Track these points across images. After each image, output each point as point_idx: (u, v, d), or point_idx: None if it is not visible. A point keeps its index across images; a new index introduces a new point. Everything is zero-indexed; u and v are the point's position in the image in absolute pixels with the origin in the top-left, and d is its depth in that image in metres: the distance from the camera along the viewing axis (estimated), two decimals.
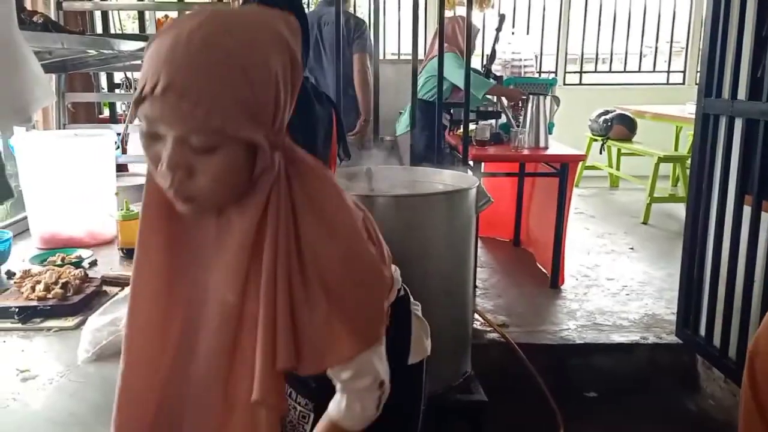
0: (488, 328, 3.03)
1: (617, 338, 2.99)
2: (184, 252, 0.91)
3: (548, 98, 3.75)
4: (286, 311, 0.85)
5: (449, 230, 2.30)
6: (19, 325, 1.39)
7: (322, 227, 0.88)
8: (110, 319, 1.32)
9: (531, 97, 3.65)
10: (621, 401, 2.83)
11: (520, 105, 3.88)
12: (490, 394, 2.41)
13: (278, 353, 0.85)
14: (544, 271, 3.82)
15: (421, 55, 3.54)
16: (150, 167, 0.84)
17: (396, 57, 6.55)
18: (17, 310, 1.40)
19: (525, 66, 4.92)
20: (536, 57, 6.14)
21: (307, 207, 0.87)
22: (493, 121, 3.88)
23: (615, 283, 3.71)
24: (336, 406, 0.97)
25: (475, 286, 3.03)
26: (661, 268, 3.94)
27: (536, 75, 5.65)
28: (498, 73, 4.26)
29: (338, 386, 0.96)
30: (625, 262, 4.11)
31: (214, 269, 0.88)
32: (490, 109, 3.96)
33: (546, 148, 3.65)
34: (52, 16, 2.35)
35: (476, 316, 3.06)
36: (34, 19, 1.64)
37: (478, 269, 3.49)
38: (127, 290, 1.42)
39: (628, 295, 3.53)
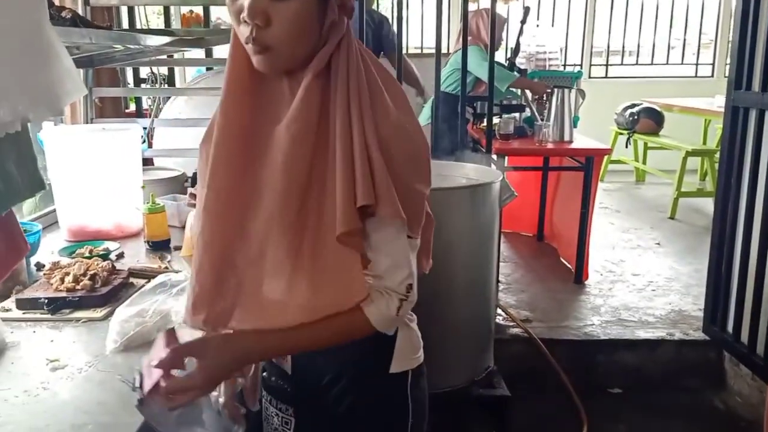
0: (511, 323, 3.01)
1: (642, 334, 2.96)
2: (261, 109, 0.98)
3: (573, 91, 3.71)
4: (363, 152, 0.92)
5: (472, 225, 2.29)
6: (49, 316, 1.41)
7: (393, 108, 0.97)
8: (137, 310, 1.34)
9: (556, 90, 3.61)
10: (646, 398, 2.80)
11: (544, 98, 3.84)
12: (512, 389, 2.41)
13: (358, 190, 0.91)
14: (568, 266, 3.78)
15: (445, 50, 3.53)
16: (234, 24, 0.93)
17: (419, 51, 6.53)
18: (47, 301, 1.43)
19: (550, 59, 4.87)
20: (561, 50, 6.07)
21: (379, 82, 0.97)
22: (516, 115, 3.85)
23: (640, 278, 3.67)
24: None
25: (498, 281, 3.02)
26: (688, 264, 3.88)
27: (561, 68, 5.59)
28: (522, 66, 4.23)
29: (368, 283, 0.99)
30: (651, 258, 4.05)
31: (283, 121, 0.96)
32: (514, 102, 3.93)
33: (571, 141, 3.61)
34: (80, 11, 2.38)
35: (499, 311, 3.05)
36: (63, 14, 1.66)
37: (501, 264, 3.48)
38: (154, 282, 1.45)
39: (654, 290, 3.49)
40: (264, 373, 1.18)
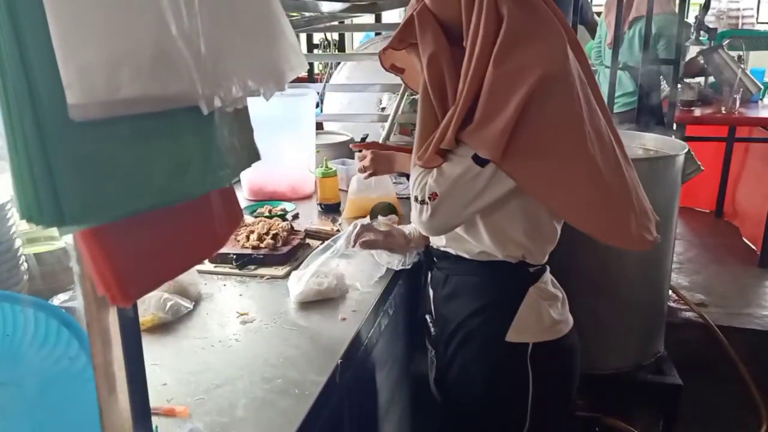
0: (684, 307, 2.81)
1: None
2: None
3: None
4: None
5: (650, 200, 2.12)
6: (236, 271, 1.52)
7: None
8: (313, 270, 1.40)
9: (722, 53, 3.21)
10: None
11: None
12: (683, 377, 2.24)
13: None
14: (752, 247, 3.43)
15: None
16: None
17: None
18: (235, 256, 1.53)
19: (743, 16, 4.36)
20: (756, 5, 5.40)
21: None
22: (701, 79, 3.50)
23: None
24: None
25: (672, 261, 2.81)
26: None
27: (755, 27, 4.98)
28: (711, 26, 3.81)
29: None
30: None
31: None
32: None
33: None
34: None
35: (670, 292, 2.84)
36: None
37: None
38: (330, 245, 1.49)
39: None
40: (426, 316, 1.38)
